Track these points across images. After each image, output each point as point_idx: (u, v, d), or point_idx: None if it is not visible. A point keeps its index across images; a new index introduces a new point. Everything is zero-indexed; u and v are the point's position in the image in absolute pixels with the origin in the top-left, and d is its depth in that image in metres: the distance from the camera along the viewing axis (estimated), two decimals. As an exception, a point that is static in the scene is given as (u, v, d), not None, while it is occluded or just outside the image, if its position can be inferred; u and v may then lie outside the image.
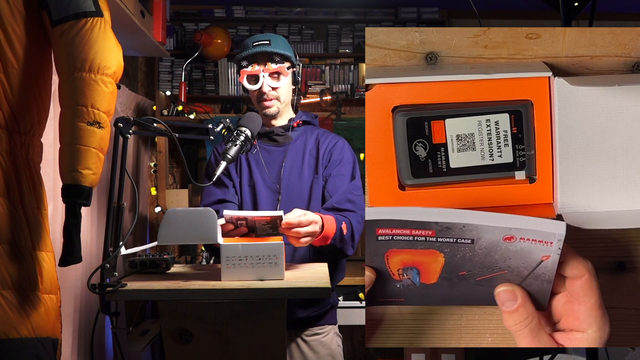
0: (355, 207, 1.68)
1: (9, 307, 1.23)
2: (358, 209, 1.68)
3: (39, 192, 1.34)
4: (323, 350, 1.75)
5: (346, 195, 1.69)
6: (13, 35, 1.25)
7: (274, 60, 1.71)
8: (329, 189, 1.72)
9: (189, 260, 3.24)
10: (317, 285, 1.20)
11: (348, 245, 1.62)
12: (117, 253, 1.21)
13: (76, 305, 2.10)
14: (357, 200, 1.69)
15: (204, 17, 3.77)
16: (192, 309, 1.21)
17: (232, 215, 1.38)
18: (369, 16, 3.79)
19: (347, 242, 1.61)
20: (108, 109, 1.27)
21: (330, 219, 1.55)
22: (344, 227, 1.58)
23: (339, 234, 1.56)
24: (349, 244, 1.62)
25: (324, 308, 1.76)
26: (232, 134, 1.50)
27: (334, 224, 1.55)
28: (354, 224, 1.63)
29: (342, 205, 1.67)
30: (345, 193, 1.69)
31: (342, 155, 1.76)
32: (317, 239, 1.49)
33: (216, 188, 1.74)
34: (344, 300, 3.01)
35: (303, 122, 1.82)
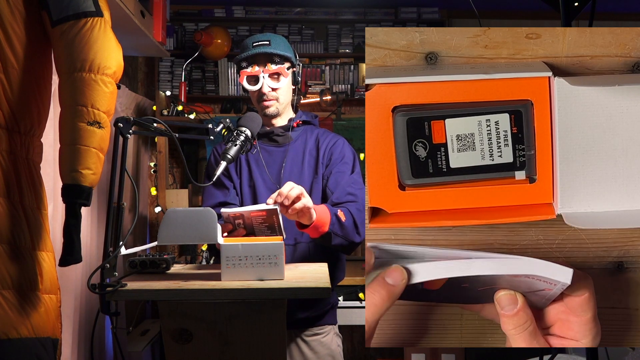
0: (355, 198, 1.67)
1: (9, 307, 1.23)
2: (358, 201, 1.67)
3: (39, 192, 1.34)
4: (323, 351, 1.75)
5: (345, 189, 1.68)
6: (13, 35, 1.25)
7: (274, 61, 1.71)
8: (330, 186, 1.71)
9: (189, 260, 3.24)
10: (317, 285, 1.20)
11: (352, 233, 1.59)
12: (117, 253, 1.21)
13: (76, 305, 2.10)
14: (357, 193, 1.68)
15: (204, 17, 3.77)
16: (192, 309, 1.21)
17: (229, 213, 1.38)
18: (369, 16, 3.79)
19: (349, 229, 1.58)
20: (108, 109, 1.27)
21: (322, 207, 1.54)
22: (340, 215, 1.56)
23: (336, 220, 1.54)
24: (352, 231, 1.59)
25: (324, 308, 1.76)
26: (232, 134, 1.50)
27: (327, 211, 1.54)
28: (354, 212, 1.61)
29: (342, 199, 1.66)
30: (344, 187, 1.69)
31: (343, 153, 1.76)
32: (311, 229, 1.48)
33: (217, 190, 1.74)
34: (344, 300, 3.01)
35: (303, 122, 1.82)
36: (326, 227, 1.52)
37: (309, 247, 1.70)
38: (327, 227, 1.52)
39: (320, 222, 1.50)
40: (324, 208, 1.55)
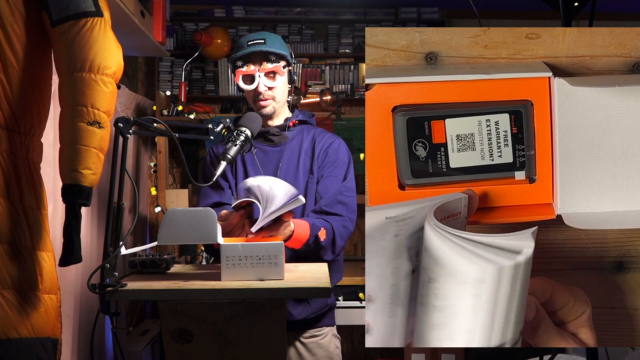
0: (345, 209, 1.67)
1: (9, 307, 1.23)
2: (348, 211, 1.67)
3: (39, 192, 1.34)
4: (321, 353, 1.74)
5: (336, 197, 1.67)
6: (13, 35, 1.25)
7: (270, 60, 1.69)
8: (320, 190, 1.70)
9: (189, 260, 3.24)
10: (317, 285, 1.20)
11: (326, 251, 1.60)
12: (117, 253, 1.21)
13: (76, 305, 2.10)
14: (347, 202, 1.68)
15: (204, 17, 3.77)
16: (192, 309, 1.21)
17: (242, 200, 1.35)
18: (369, 16, 3.79)
19: (325, 248, 1.59)
20: (108, 109, 1.27)
21: (303, 224, 1.53)
22: (321, 234, 1.56)
23: (312, 240, 1.54)
24: (327, 250, 1.60)
25: (322, 310, 1.75)
26: (232, 134, 1.50)
27: (307, 229, 1.53)
28: (337, 228, 1.61)
29: (331, 208, 1.66)
30: (335, 195, 1.68)
31: (337, 155, 1.74)
32: (288, 242, 1.48)
33: (212, 190, 1.74)
34: (344, 300, 3.01)
35: (299, 122, 1.81)
36: (298, 245, 1.53)
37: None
38: (300, 246, 1.53)
39: (295, 240, 1.50)
40: (305, 227, 1.53)
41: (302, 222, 1.54)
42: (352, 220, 1.67)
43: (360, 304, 2.99)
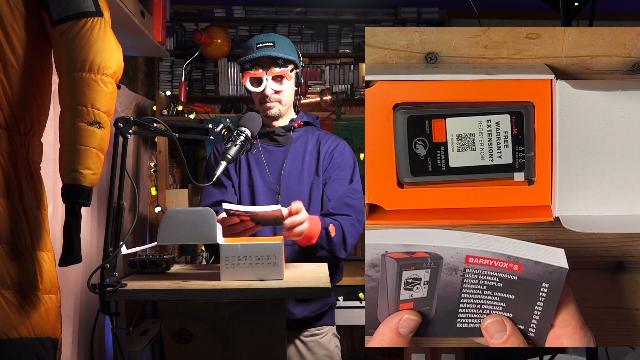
0: (352, 210, 1.68)
1: (9, 307, 1.23)
2: (356, 213, 1.68)
3: (39, 192, 1.34)
4: (321, 351, 1.75)
5: (343, 199, 1.69)
6: (13, 35, 1.25)
7: (278, 64, 1.70)
8: (328, 193, 1.72)
9: (189, 260, 3.24)
10: (317, 285, 1.20)
11: (339, 248, 1.61)
12: (117, 253, 1.21)
13: (76, 305, 2.10)
14: (354, 204, 1.69)
15: (204, 17, 3.77)
16: (192, 309, 1.21)
17: (235, 210, 1.38)
18: (369, 16, 3.79)
19: (337, 245, 1.60)
20: (108, 109, 1.27)
21: (314, 218, 1.55)
22: (331, 229, 1.57)
23: (325, 235, 1.56)
24: (339, 247, 1.61)
25: (322, 309, 1.76)
26: (232, 134, 1.50)
27: (318, 224, 1.55)
28: (346, 227, 1.63)
29: (339, 210, 1.67)
30: (342, 197, 1.69)
31: (343, 158, 1.76)
32: (301, 239, 1.49)
33: (215, 189, 1.74)
34: (344, 300, 3.01)
35: (304, 123, 1.82)
36: (314, 240, 1.54)
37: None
38: (315, 240, 1.54)
39: (310, 233, 1.51)
40: (317, 220, 1.56)
41: (313, 216, 1.55)
42: (360, 221, 1.68)
43: (360, 304, 2.99)
